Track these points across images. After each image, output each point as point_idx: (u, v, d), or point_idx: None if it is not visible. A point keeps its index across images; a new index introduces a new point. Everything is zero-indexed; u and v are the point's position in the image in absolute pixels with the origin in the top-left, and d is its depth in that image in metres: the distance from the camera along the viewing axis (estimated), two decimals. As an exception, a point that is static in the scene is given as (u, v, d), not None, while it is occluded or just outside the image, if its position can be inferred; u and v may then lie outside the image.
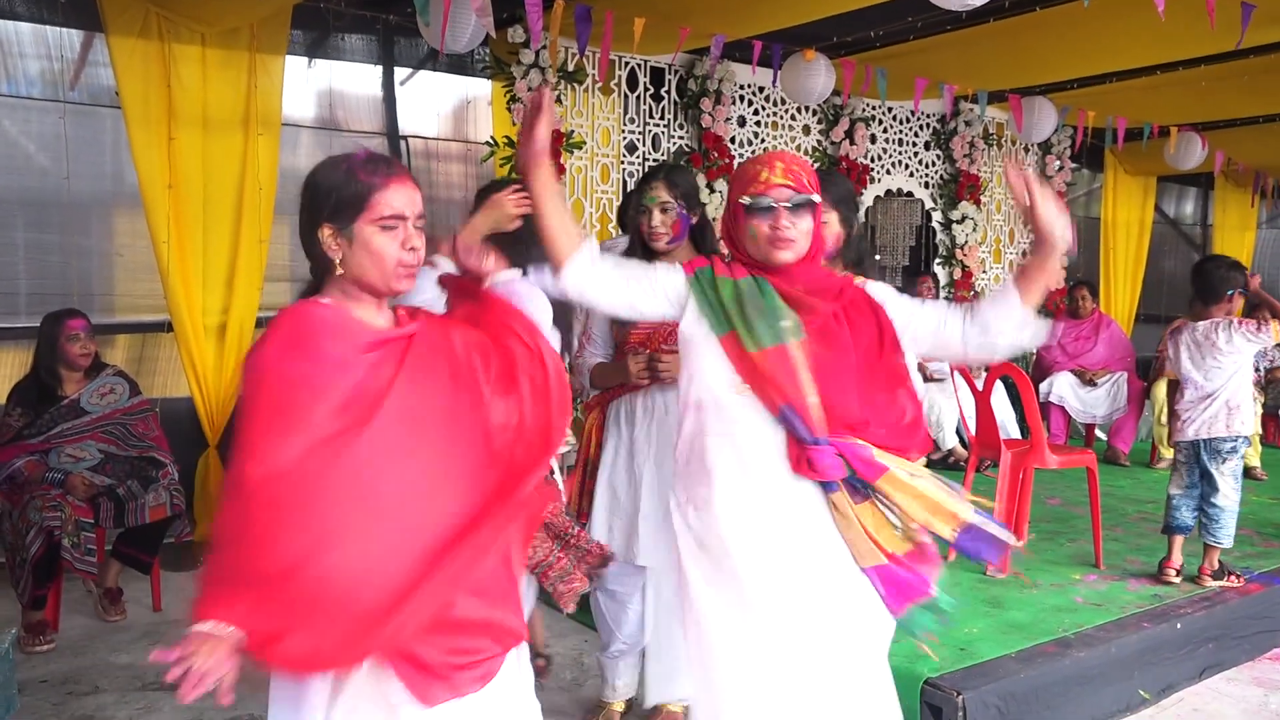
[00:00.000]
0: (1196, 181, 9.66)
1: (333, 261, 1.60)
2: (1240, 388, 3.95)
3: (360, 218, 1.58)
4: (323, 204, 1.59)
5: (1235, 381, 3.94)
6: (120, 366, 4.14)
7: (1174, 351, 4.09)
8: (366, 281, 1.61)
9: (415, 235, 1.62)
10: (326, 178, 1.61)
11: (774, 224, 1.97)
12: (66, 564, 3.62)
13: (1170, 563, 4.02)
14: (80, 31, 4.53)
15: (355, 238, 1.59)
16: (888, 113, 7.12)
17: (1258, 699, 3.42)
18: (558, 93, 5.47)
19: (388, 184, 1.60)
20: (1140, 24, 4.27)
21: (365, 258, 1.59)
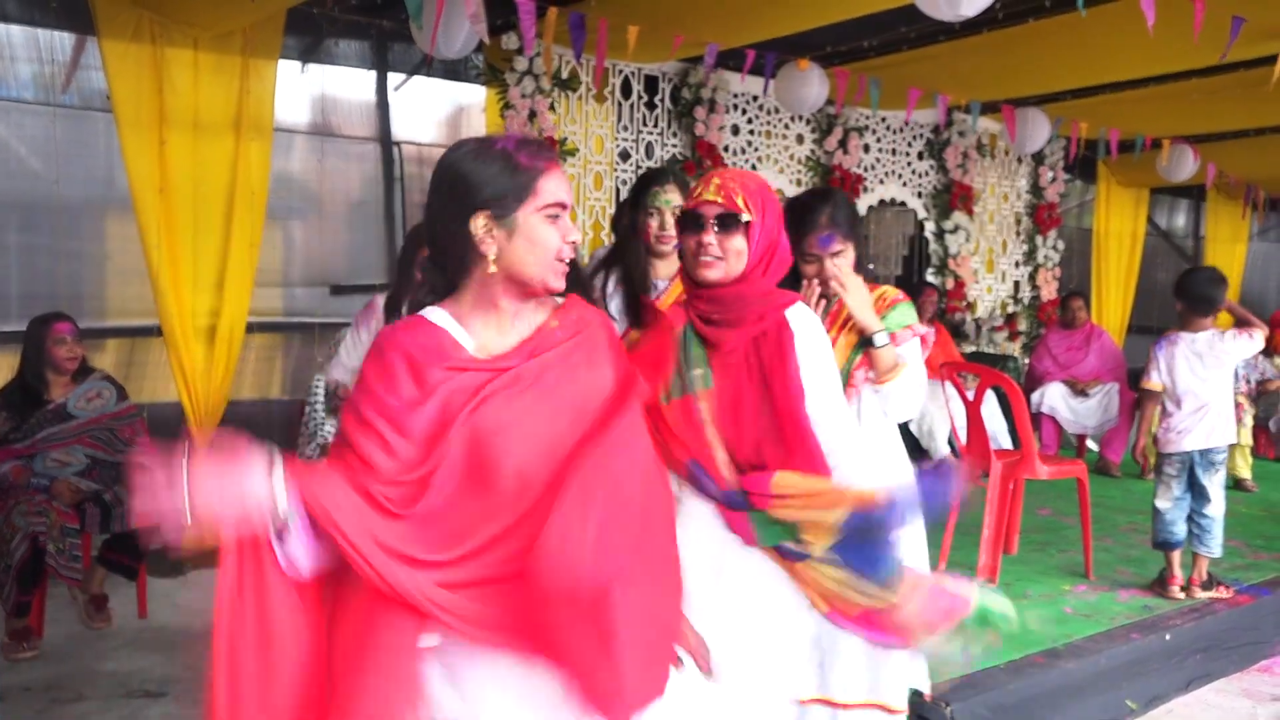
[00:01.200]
0: (1188, 193, 9.71)
1: (484, 256, 1.45)
2: (1229, 396, 4.01)
3: (524, 205, 1.45)
4: (478, 190, 1.44)
5: (1226, 390, 4.00)
6: (108, 371, 4.11)
7: (1167, 364, 4.06)
8: (523, 277, 1.47)
9: (572, 228, 1.51)
10: (480, 161, 1.46)
11: (699, 240, 1.95)
12: (51, 570, 3.59)
13: (1174, 579, 4.00)
14: (72, 34, 4.52)
15: (517, 227, 1.45)
16: (881, 122, 7.13)
17: (1245, 710, 3.42)
18: (551, 100, 5.47)
19: (551, 169, 1.48)
20: (1133, 36, 4.28)
21: (527, 250, 1.45)
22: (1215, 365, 3.96)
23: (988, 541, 4.06)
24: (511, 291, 1.50)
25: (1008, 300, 8.12)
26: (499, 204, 1.44)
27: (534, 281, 1.48)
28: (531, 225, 1.46)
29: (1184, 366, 4.01)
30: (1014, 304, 8.13)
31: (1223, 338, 3.98)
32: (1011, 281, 8.18)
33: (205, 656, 1.36)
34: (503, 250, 1.45)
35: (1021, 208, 8.20)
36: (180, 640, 3.68)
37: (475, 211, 1.44)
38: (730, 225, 1.94)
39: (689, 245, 1.97)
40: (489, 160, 1.45)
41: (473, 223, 1.44)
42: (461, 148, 1.49)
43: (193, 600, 4.11)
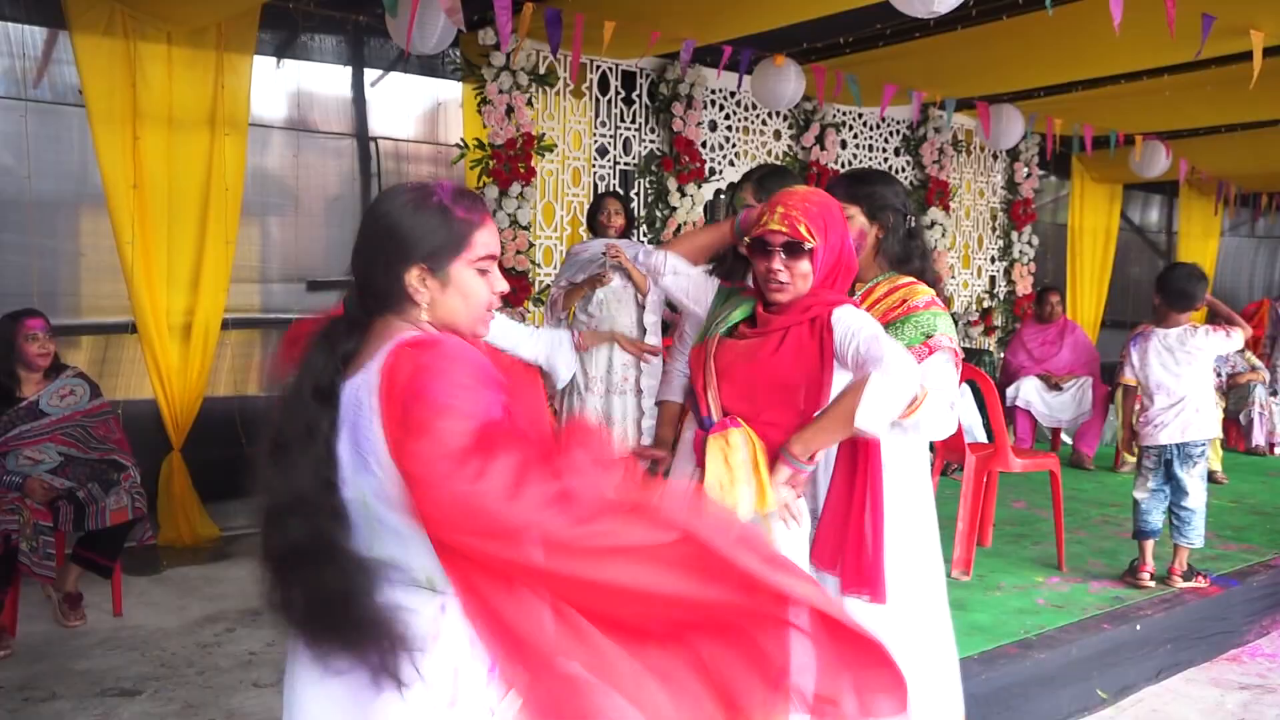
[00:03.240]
0: (1161, 189, 9.82)
1: (417, 305, 1.46)
2: (1207, 391, 4.03)
3: (458, 258, 1.46)
4: (415, 243, 1.44)
5: (1203, 385, 4.02)
6: (81, 368, 4.08)
7: (1139, 359, 4.12)
8: (452, 325, 1.48)
9: (501, 279, 1.53)
10: (418, 213, 1.46)
11: (767, 265, 2.09)
12: (24, 568, 3.56)
13: (1145, 566, 4.07)
14: (44, 29, 4.47)
15: (450, 280, 1.46)
16: (858, 118, 7.18)
17: (1214, 699, 3.47)
18: (529, 96, 5.47)
19: (485, 221, 1.50)
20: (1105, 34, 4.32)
21: (458, 300, 1.47)
22: (1187, 360, 4.00)
23: (962, 534, 4.10)
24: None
25: (983, 295, 8.20)
26: (434, 258, 1.45)
27: (463, 329, 1.50)
28: (464, 278, 1.47)
29: (1155, 361, 4.06)
30: (989, 299, 8.21)
31: (1195, 333, 4.02)
32: (987, 276, 8.25)
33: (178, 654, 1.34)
34: (435, 301, 1.46)
35: (997, 203, 8.27)
36: (155, 638, 3.67)
37: (411, 264, 1.44)
38: (795, 252, 2.08)
39: (759, 269, 2.12)
40: (427, 213, 1.46)
41: (407, 275, 1.44)
42: (397, 197, 1.49)
43: (168, 598, 4.09)
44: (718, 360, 2.14)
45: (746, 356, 2.12)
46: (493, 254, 1.50)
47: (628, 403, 4.92)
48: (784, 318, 2.11)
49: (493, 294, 1.51)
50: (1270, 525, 5.11)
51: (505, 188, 5.35)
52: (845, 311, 2.08)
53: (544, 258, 5.73)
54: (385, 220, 1.46)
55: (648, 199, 6.18)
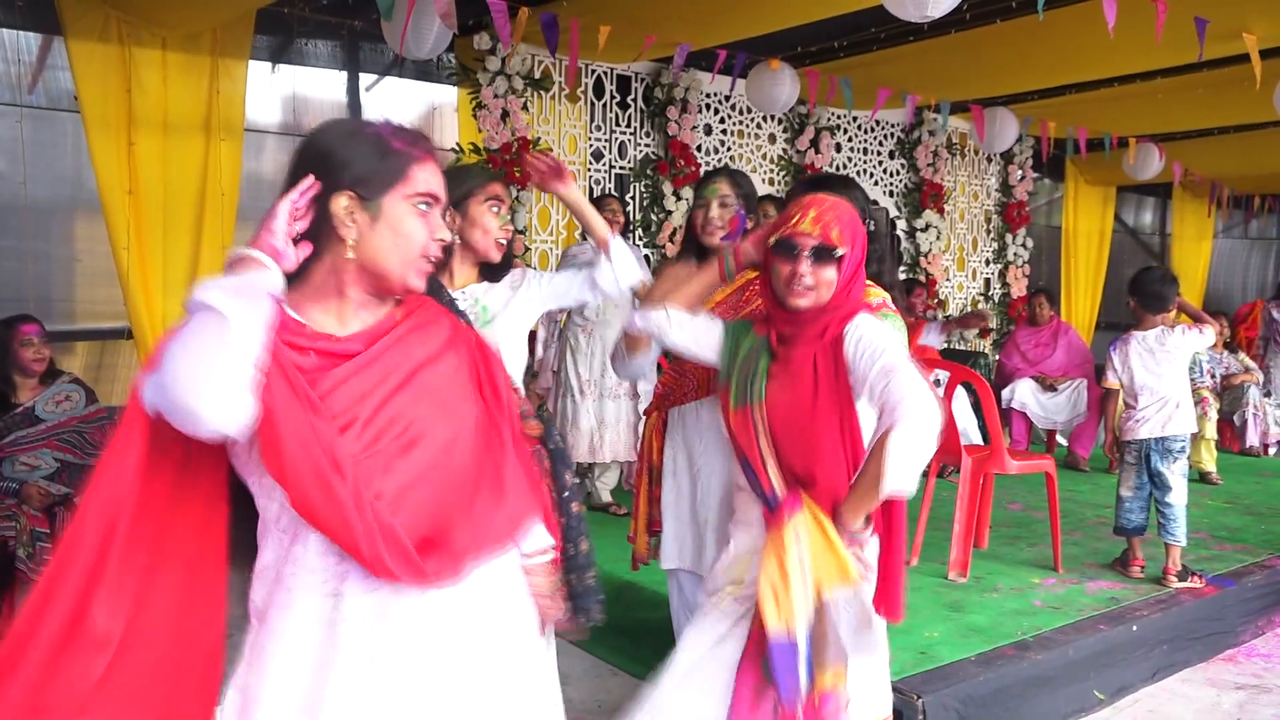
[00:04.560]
0: (1155, 191, 9.86)
1: (341, 240, 1.33)
2: (1184, 388, 4.13)
3: (393, 190, 1.34)
4: (344, 166, 1.32)
5: (1182, 382, 4.12)
6: (77, 374, 4.07)
7: (1121, 362, 4.21)
8: (378, 270, 1.36)
9: (443, 226, 1.41)
10: (350, 138, 1.35)
11: (794, 268, 2.02)
12: (21, 575, 3.56)
13: (1136, 560, 4.15)
14: (39, 34, 4.48)
15: (382, 213, 1.34)
16: (852, 122, 7.20)
17: (1210, 699, 3.48)
18: (524, 100, 5.48)
19: (426, 159, 1.38)
20: (1098, 37, 4.35)
21: (390, 239, 1.34)
22: (1166, 359, 4.11)
23: (958, 536, 4.11)
24: (364, 283, 1.38)
25: (978, 297, 8.22)
26: (365, 184, 1.33)
27: (392, 276, 1.37)
28: (398, 213, 1.35)
29: (1137, 363, 4.15)
30: (984, 301, 8.23)
31: (1170, 332, 4.13)
32: (982, 279, 8.27)
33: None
34: (363, 236, 1.34)
35: (991, 206, 8.29)
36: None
37: (338, 190, 1.33)
38: (825, 258, 2.01)
39: (782, 272, 2.03)
40: (360, 139, 1.35)
41: (334, 202, 1.33)
42: (332, 125, 1.40)
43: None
44: (770, 424, 2.02)
45: (791, 407, 2.01)
46: (434, 194, 1.38)
47: (622, 407, 4.93)
48: (802, 347, 2.03)
49: (432, 239, 1.38)
50: (1265, 526, 5.12)
51: (501, 192, 5.35)
52: (854, 328, 1.99)
53: (540, 261, 5.74)
54: (315, 144, 1.37)
55: (643, 203, 6.18)
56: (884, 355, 1.92)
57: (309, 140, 1.38)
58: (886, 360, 1.90)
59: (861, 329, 1.99)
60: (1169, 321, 4.17)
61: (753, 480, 2.04)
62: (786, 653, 1.89)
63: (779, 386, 2.03)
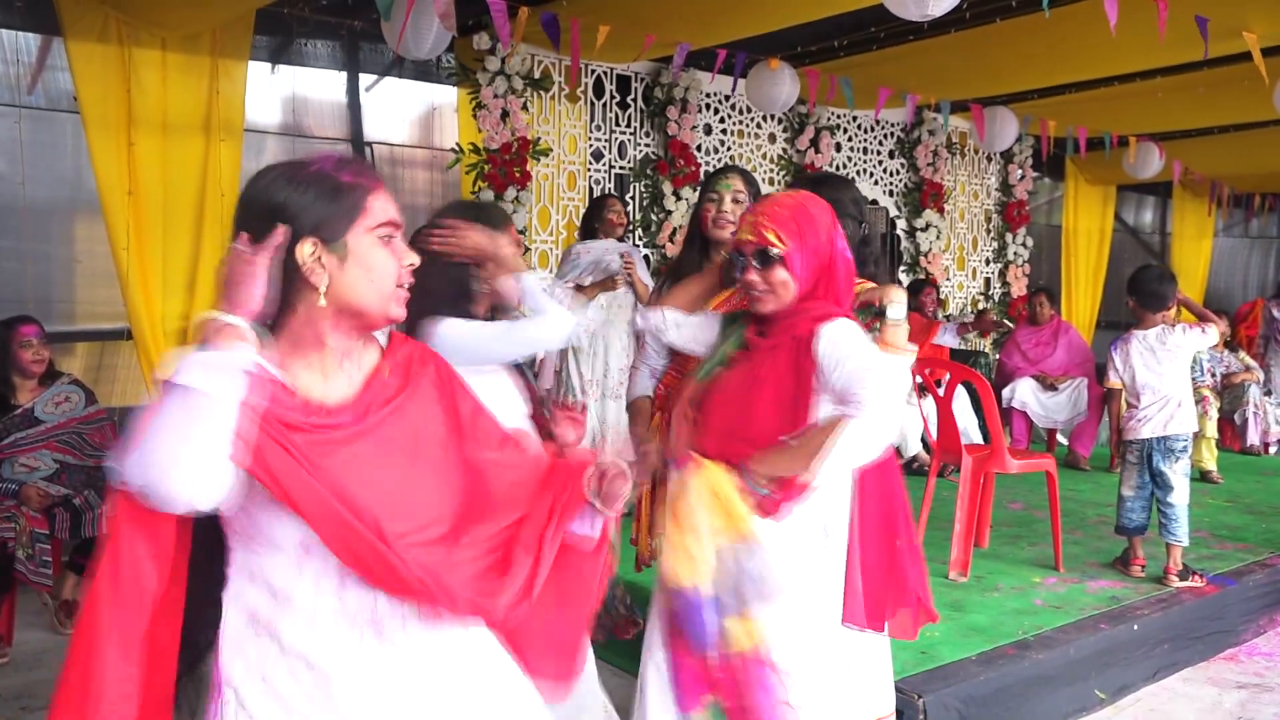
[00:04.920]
0: (1155, 190, 9.85)
1: (314, 288, 1.28)
2: (1186, 387, 4.11)
3: (354, 226, 1.29)
4: (298, 214, 1.27)
5: (1183, 381, 4.10)
6: (76, 375, 4.08)
7: (1122, 362, 4.20)
8: (356, 308, 1.31)
9: (409, 251, 1.36)
10: (295, 184, 1.29)
11: (745, 277, 2.01)
12: (21, 576, 3.56)
13: (1137, 559, 4.14)
14: (38, 35, 4.48)
15: (349, 252, 1.29)
16: (852, 121, 7.19)
17: (1211, 698, 3.47)
18: (524, 100, 5.47)
19: (377, 187, 1.33)
20: (1099, 36, 4.35)
21: (362, 276, 1.30)
22: (1168, 359, 4.09)
23: (959, 535, 4.11)
24: (343, 326, 1.33)
25: (978, 297, 8.21)
26: (326, 227, 1.28)
27: (372, 312, 1.32)
28: (365, 248, 1.30)
29: (1139, 362, 4.13)
30: (984, 300, 8.22)
31: (1172, 331, 4.11)
32: (982, 278, 8.27)
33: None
34: (335, 279, 1.29)
35: (991, 205, 8.29)
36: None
37: (299, 238, 1.27)
38: (766, 260, 1.98)
39: (742, 283, 2.05)
40: (306, 182, 1.29)
41: (298, 251, 1.27)
42: (267, 174, 1.32)
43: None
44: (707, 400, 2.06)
45: (726, 388, 2.04)
46: (395, 221, 1.34)
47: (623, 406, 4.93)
48: (771, 339, 2.03)
49: (401, 266, 1.34)
50: (1266, 524, 5.12)
51: (501, 192, 5.35)
52: (832, 329, 1.94)
53: (539, 261, 5.73)
54: (259, 199, 1.30)
55: (643, 203, 6.18)
56: (859, 356, 1.90)
57: (252, 194, 1.32)
58: (863, 360, 1.89)
59: (838, 332, 1.95)
60: (1169, 320, 4.17)
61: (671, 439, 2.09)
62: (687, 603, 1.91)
63: (733, 373, 2.05)
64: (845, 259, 2.06)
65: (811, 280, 2.01)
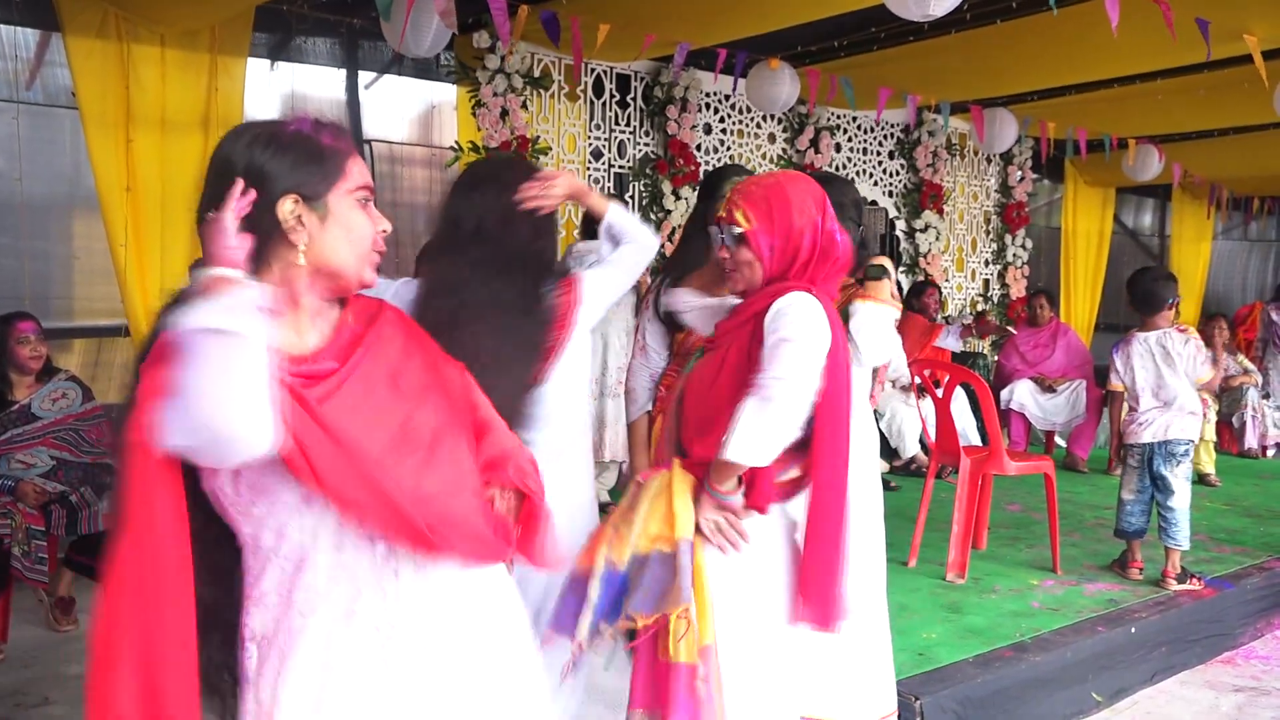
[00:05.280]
0: (1154, 193, 9.85)
1: (293, 246, 1.29)
2: (1190, 391, 4.07)
3: (335, 187, 1.31)
4: (279, 174, 1.27)
5: (1184, 385, 4.06)
6: (73, 371, 4.07)
7: (1123, 363, 4.19)
8: (335, 268, 1.32)
9: (381, 216, 1.39)
10: (275, 144, 1.29)
11: (719, 254, 2.03)
12: (17, 573, 3.55)
13: (1135, 562, 4.15)
14: (37, 31, 4.46)
15: (330, 211, 1.30)
16: (852, 122, 7.19)
17: (1209, 701, 3.47)
18: (523, 98, 5.46)
19: (353, 151, 1.35)
20: (1099, 38, 4.35)
21: (342, 237, 1.31)
22: (1168, 362, 4.06)
23: (957, 537, 4.11)
24: (319, 287, 1.34)
25: (977, 298, 8.21)
26: (308, 186, 1.29)
27: (349, 273, 1.34)
28: (345, 209, 1.32)
29: (1139, 364, 4.12)
30: (983, 302, 8.22)
31: (1173, 336, 4.07)
32: (981, 280, 8.27)
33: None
34: (314, 239, 1.30)
35: (990, 207, 8.29)
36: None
37: (281, 195, 1.27)
38: (735, 239, 1.98)
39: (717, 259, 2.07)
40: (287, 142, 1.30)
41: (279, 208, 1.27)
42: (244, 134, 1.32)
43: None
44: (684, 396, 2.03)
45: (701, 381, 2.00)
46: (369, 185, 1.37)
47: (622, 405, 4.92)
48: (733, 320, 2.01)
49: (376, 231, 1.37)
50: (1264, 528, 5.12)
51: (500, 191, 5.34)
52: (782, 302, 1.90)
53: (539, 261, 5.72)
54: (240, 154, 1.29)
55: (642, 202, 6.17)
56: (786, 330, 1.85)
57: (228, 151, 1.31)
58: (784, 333, 1.85)
59: (785, 304, 1.90)
60: (1171, 322, 4.14)
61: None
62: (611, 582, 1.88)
63: (705, 361, 2.04)
64: (829, 245, 1.99)
65: (781, 262, 1.96)
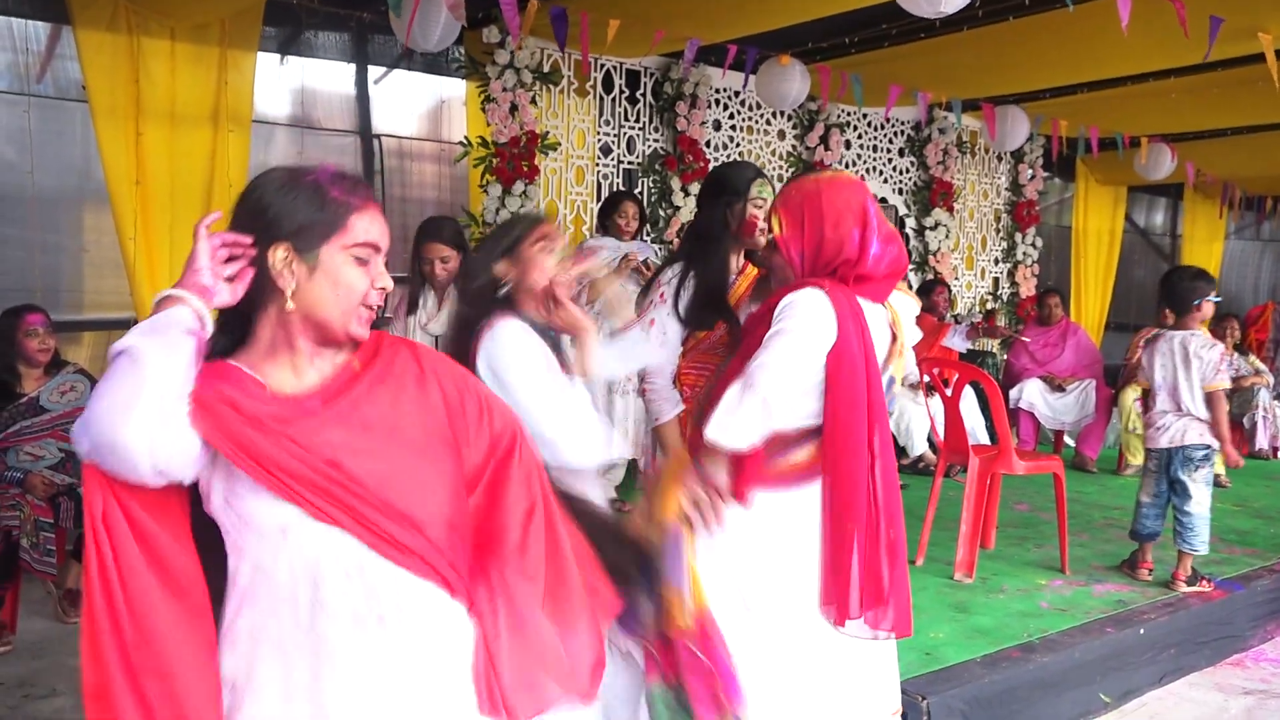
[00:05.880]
0: (1166, 192, 9.80)
1: (281, 291, 1.34)
2: (1199, 399, 3.99)
3: (330, 240, 1.35)
4: (280, 219, 1.34)
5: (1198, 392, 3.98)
6: (82, 364, 4.08)
7: (1148, 361, 4.14)
8: (319, 319, 1.36)
9: (385, 274, 1.41)
10: (285, 190, 1.36)
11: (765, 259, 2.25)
12: (25, 565, 3.56)
13: (1145, 563, 4.11)
14: (47, 24, 4.47)
15: (320, 264, 1.35)
16: (862, 119, 7.16)
17: (1217, 704, 3.45)
18: (532, 94, 5.45)
19: (365, 207, 1.38)
20: (1112, 36, 4.31)
21: (328, 290, 1.35)
22: (1186, 364, 3.99)
23: (965, 537, 4.09)
24: (309, 333, 1.39)
25: (987, 297, 8.18)
26: (302, 236, 1.34)
27: (334, 325, 1.37)
28: (336, 264, 1.36)
29: (1159, 362, 4.08)
30: (993, 301, 8.19)
31: (1197, 338, 4.01)
32: (991, 278, 8.23)
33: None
34: (301, 287, 1.35)
35: (1001, 205, 8.25)
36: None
37: (275, 242, 1.34)
38: (771, 246, 2.13)
39: None
40: (296, 190, 1.36)
41: (271, 253, 1.34)
42: (269, 175, 1.39)
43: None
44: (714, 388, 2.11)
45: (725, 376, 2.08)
46: (374, 244, 1.38)
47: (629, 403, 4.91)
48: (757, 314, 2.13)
49: (373, 288, 1.39)
50: (1274, 529, 5.09)
51: (509, 186, 5.34)
52: (791, 296, 1.98)
53: (546, 256, 5.71)
54: (251, 198, 1.38)
55: (651, 198, 6.16)
56: (783, 321, 1.96)
57: (247, 192, 1.39)
58: (780, 325, 1.96)
59: (791, 298, 1.99)
60: (1198, 324, 4.07)
61: None
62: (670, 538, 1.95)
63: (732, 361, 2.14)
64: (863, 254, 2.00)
65: (814, 267, 2.03)
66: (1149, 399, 4.18)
